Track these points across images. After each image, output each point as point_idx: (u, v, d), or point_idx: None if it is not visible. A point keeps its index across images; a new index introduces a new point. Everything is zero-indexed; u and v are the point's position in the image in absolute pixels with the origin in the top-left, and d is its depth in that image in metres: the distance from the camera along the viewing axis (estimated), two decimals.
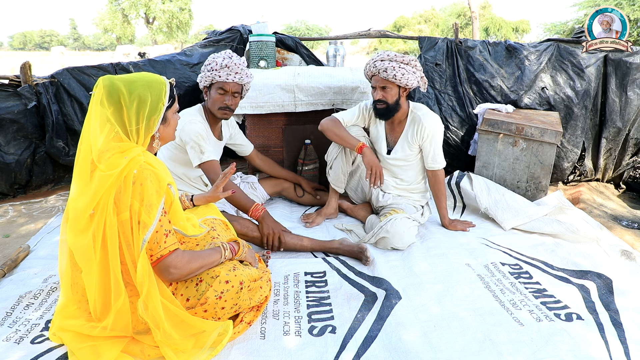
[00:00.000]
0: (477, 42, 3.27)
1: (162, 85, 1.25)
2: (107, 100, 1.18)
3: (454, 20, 17.19)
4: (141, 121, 1.21)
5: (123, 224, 1.18)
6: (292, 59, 3.47)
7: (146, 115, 1.21)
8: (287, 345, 1.40)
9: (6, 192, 2.76)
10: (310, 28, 33.87)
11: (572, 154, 3.16)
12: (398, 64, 2.04)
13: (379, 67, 2.06)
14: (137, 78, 1.23)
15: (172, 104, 1.31)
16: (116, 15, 28.27)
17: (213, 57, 2.03)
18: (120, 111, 1.19)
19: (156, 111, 1.23)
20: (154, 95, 1.22)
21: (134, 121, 1.20)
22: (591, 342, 1.43)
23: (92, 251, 1.19)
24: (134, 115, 1.19)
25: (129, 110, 1.19)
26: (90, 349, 1.25)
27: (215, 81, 2.03)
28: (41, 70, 9.72)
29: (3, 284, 1.72)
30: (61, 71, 2.88)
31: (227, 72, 2.00)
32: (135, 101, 1.19)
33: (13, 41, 55.90)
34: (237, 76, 2.02)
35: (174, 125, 1.36)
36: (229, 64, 1.99)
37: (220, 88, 2.04)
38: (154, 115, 1.23)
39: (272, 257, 1.95)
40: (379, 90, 2.11)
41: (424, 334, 1.45)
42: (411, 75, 2.06)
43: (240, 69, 2.02)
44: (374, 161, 2.12)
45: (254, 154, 2.51)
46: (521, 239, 2.22)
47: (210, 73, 2.01)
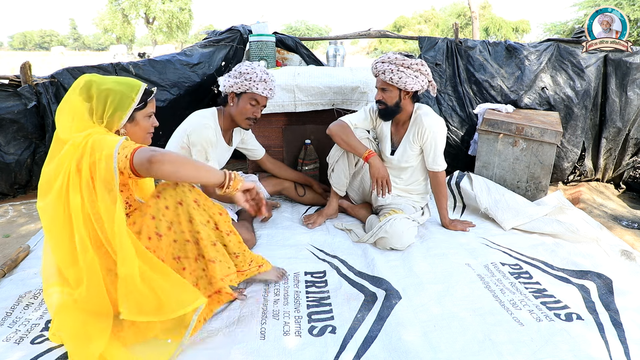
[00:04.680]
0: (477, 42, 3.27)
1: (135, 87, 1.34)
2: (81, 90, 1.30)
3: (454, 20, 17.19)
4: (106, 113, 1.30)
5: (87, 184, 1.22)
6: (292, 59, 3.47)
7: (112, 108, 1.30)
8: (287, 345, 1.40)
9: (6, 192, 2.76)
10: (310, 28, 33.90)
11: (572, 154, 3.16)
12: (397, 67, 2.02)
13: (379, 68, 2.06)
14: (115, 78, 1.35)
15: (143, 107, 1.38)
16: (116, 15, 28.28)
17: (252, 68, 2.02)
18: (89, 100, 1.29)
19: (123, 107, 1.32)
20: (124, 93, 1.31)
21: (100, 111, 1.30)
22: (591, 342, 1.43)
23: (56, 213, 1.24)
24: (101, 106, 1.29)
25: (98, 100, 1.29)
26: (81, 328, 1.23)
27: (250, 91, 2.03)
28: (41, 70, 9.72)
29: (3, 284, 1.73)
30: (61, 71, 2.88)
31: (264, 86, 2.02)
32: (104, 93, 1.29)
33: (13, 41, 55.93)
34: (271, 93, 2.06)
35: (143, 127, 1.42)
36: (266, 79, 2.02)
37: (254, 99, 2.04)
38: (120, 111, 1.31)
39: (274, 255, 1.95)
40: (380, 91, 2.12)
41: (424, 334, 1.45)
42: (410, 80, 2.03)
43: (273, 85, 2.07)
44: (380, 172, 2.07)
45: (265, 158, 2.50)
46: (521, 239, 2.22)
47: (248, 82, 2.00)
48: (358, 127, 2.26)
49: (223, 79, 2.10)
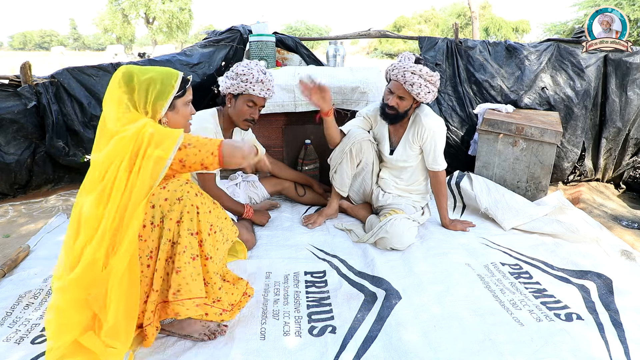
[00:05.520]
0: (477, 42, 3.27)
1: (174, 76, 1.36)
2: (123, 82, 1.30)
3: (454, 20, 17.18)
4: (149, 103, 1.31)
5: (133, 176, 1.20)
6: (292, 59, 3.47)
7: (154, 97, 1.31)
8: (287, 345, 1.40)
9: (6, 192, 2.76)
10: (310, 28, 33.90)
11: (572, 154, 3.16)
12: (426, 82, 2.02)
13: (408, 79, 2.01)
14: (153, 67, 1.37)
15: (183, 94, 1.40)
16: (116, 15, 28.29)
17: (248, 68, 2.01)
18: (132, 92, 1.30)
19: (164, 96, 1.33)
20: (164, 82, 1.33)
21: (143, 101, 1.31)
22: (591, 342, 1.43)
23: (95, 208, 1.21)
24: (143, 96, 1.31)
25: (139, 90, 1.30)
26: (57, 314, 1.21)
27: (247, 93, 2.02)
28: (41, 70, 9.69)
29: (3, 284, 1.72)
30: (61, 71, 2.88)
31: (261, 87, 2.01)
32: (145, 83, 1.31)
33: (13, 41, 55.94)
34: (269, 93, 2.04)
35: (183, 115, 1.44)
36: (263, 80, 2.00)
37: (251, 101, 2.04)
38: (161, 100, 1.33)
39: (274, 255, 1.95)
40: (395, 98, 2.09)
41: (424, 334, 1.45)
42: (432, 95, 2.06)
43: (271, 85, 2.04)
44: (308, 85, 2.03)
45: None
46: (521, 239, 2.22)
47: (244, 84, 2.00)
48: (360, 127, 2.30)
49: (222, 79, 2.10)
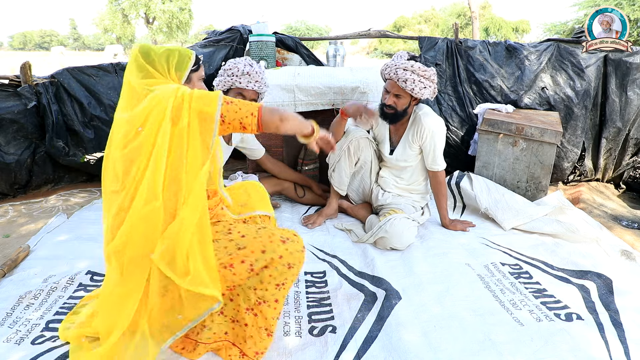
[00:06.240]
0: (477, 42, 3.27)
1: (188, 50, 1.39)
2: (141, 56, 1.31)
3: (454, 20, 17.18)
4: (171, 67, 1.32)
5: (181, 132, 1.20)
6: (292, 59, 3.47)
7: (174, 66, 1.33)
8: (287, 345, 1.40)
9: (6, 192, 2.76)
10: (310, 28, 33.87)
11: (572, 154, 3.16)
12: (419, 77, 2.01)
13: (400, 75, 2.01)
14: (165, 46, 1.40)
15: (197, 69, 1.42)
16: (116, 15, 28.26)
17: (234, 63, 2.02)
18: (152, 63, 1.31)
19: (182, 66, 1.35)
20: (181, 53, 1.36)
21: (165, 69, 1.32)
22: (591, 342, 1.43)
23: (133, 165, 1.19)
24: (164, 64, 1.32)
25: (159, 62, 1.31)
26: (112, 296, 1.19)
27: (235, 87, 2.02)
28: (41, 70, 9.70)
29: (3, 284, 1.72)
30: (61, 71, 2.88)
31: (247, 80, 2.00)
32: (165, 55, 1.32)
33: (13, 41, 55.92)
34: (257, 85, 2.03)
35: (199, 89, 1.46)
36: (250, 72, 1.99)
37: (239, 94, 2.03)
38: (179, 71, 1.34)
39: None
40: (392, 97, 2.09)
41: (424, 334, 1.45)
42: (428, 90, 2.04)
43: (260, 77, 2.03)
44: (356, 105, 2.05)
45: (264, 158, 2.51)
46: (521, 239, 2.22)
47: (230, 78, 2.00)
48: (359, 127, 2.30)
49: (215, 79, 2.10)
